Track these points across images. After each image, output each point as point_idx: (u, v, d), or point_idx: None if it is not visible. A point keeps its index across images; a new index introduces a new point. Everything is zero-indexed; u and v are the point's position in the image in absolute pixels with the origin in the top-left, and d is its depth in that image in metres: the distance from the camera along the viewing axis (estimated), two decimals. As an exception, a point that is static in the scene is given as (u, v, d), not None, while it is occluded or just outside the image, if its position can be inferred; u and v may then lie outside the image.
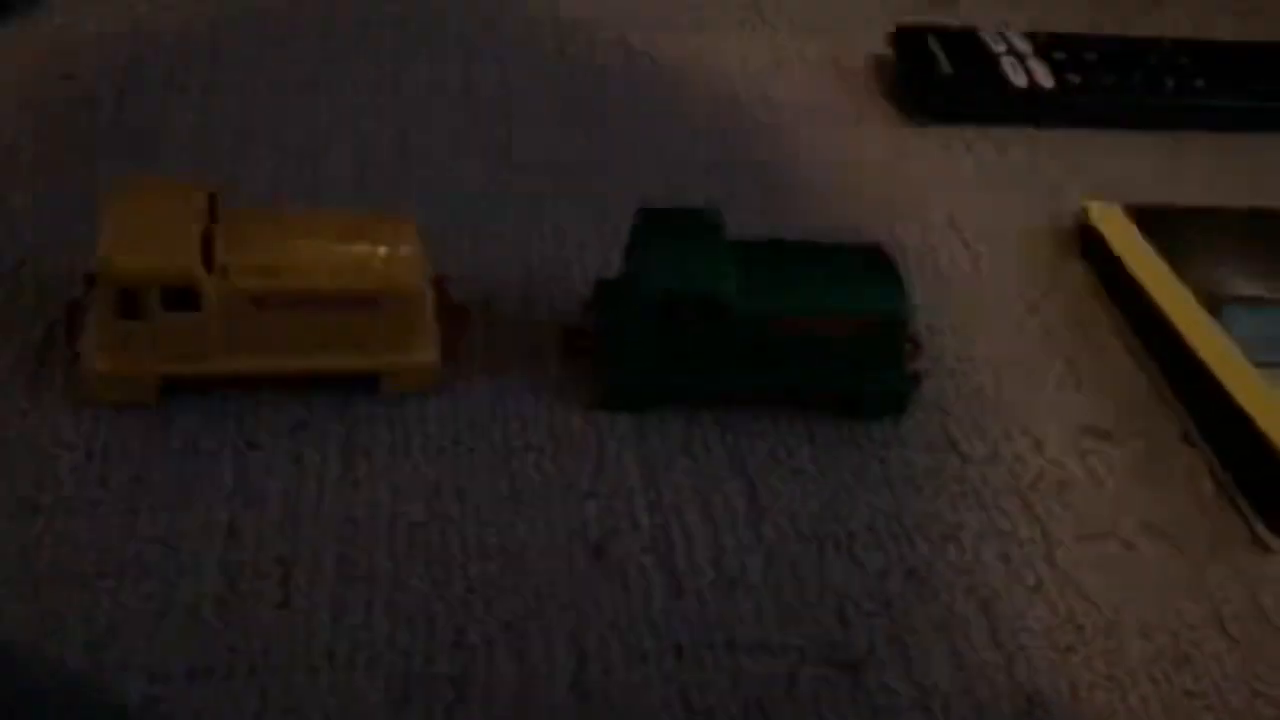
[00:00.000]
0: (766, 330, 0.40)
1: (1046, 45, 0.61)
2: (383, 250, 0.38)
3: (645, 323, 0.39)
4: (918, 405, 0.43)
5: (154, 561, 0.35)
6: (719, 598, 0.36)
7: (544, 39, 0.61)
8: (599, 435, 0.41)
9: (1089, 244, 0.51)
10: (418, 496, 0.38)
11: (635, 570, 0.36)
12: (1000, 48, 0.61)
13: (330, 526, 0.36)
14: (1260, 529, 0.41)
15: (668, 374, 0.41)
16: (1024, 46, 0.61)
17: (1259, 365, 0.43)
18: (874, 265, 0.42)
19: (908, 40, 0.61)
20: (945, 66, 0.59)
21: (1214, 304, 0.46)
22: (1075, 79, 0.60)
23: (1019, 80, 0.59)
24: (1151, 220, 0.50)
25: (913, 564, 0.38)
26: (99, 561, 0.35)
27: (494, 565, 0.36)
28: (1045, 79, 0.59)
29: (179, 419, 0.39)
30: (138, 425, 0.39)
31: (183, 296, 0.36)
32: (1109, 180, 0.57)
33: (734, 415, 0.42)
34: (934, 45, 0.60)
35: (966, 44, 0.61)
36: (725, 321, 0.39)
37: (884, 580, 0.37)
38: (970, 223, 0.45)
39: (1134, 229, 0.50)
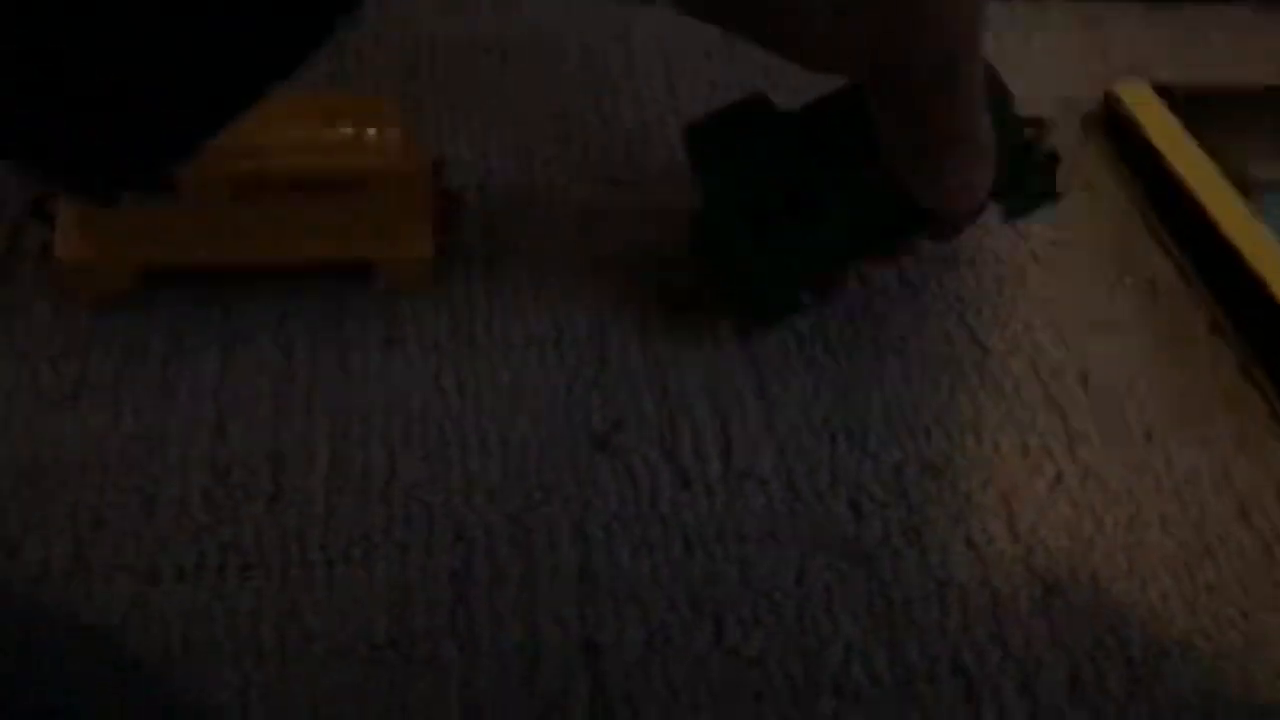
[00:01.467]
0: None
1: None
2: (371, 131, 0.36)
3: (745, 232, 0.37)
4: (938, 296, 0.41)
5: (139, 459, 0.33)
6: (728, 490, 0.35)
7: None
8: (603, 328, 0.39)
9: (1115, 125, 0.49)
10: (413, 390, 0.36)
11: (641, 463, 0.35)
12: (1023, -80, 0.57)
13: (322, 421, 0.35)
14: (1289, 420, 0.39)
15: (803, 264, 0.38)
16: (1048, -81, 0.58)
17: (1292, 251, 0.41)
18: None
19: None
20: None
21: (1246, 188, 0.44)
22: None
23: (1043, -46, 0.56)
24: (1182, 100, 0.48)
25: (929, 457, 0.37)
26: (82, 460, 0.33)
27: (494, 459, 0.34)
28: (1070, -47, 0.56)
29: (161, 312, 0.37)
30: (118, 319, 0.37)
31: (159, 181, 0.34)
32: (1136, 57, 0.54)
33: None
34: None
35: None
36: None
37: (899, 473, 0.36)
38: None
39: (1163, 109, 0.47)
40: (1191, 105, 0.47)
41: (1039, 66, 0.53)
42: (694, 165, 0.38)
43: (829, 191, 0.37)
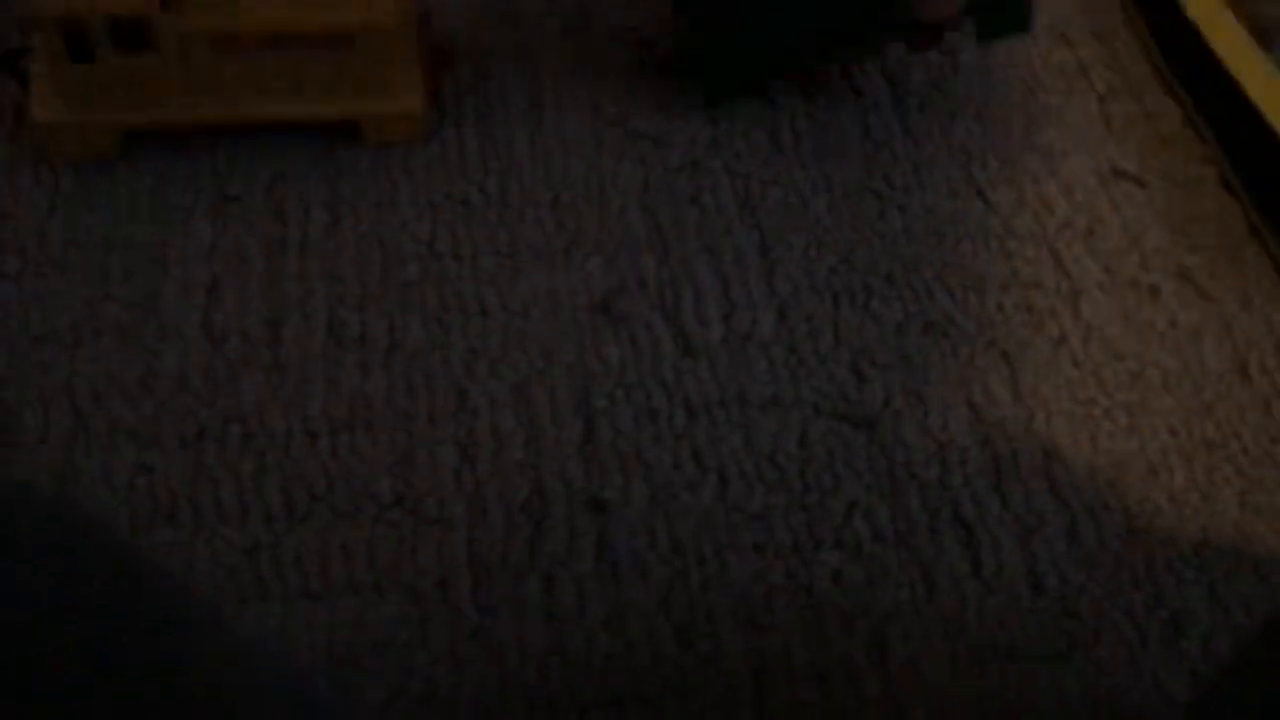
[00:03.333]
0: None
1: None
2: None
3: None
4: (943, 148, 0.40)
5: (133, 326, 0.33)
6: (730, 354, 0.35)
7: None
8: (601, 187, 0.38)
9: (1131, -32, 0.47)
10: (410, 254, 0.35)
11: (643, 328, 0.35)
12: None
13: (318, 286, 0.34)
14: (1294, 276, 0.39)
15: (755, 42, 0.39)
16: None
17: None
18: None
19: None
20: None
21: (1265, 36, 0.43)
22: None
23: None
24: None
25: (932, 316, 0.36)
26: (75, 326, 0.33)
27: (495, 325, 0.34)
28: None
29: (147, 174, 0.36)
30: (103, 181, 0.36)
31: (136, 35, 0.32)
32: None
33: (744, 160, 0.39)
34: None
35: None
36: None
37: (901, 334, 0.36)
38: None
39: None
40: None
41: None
42: None
43: None
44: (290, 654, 0.28)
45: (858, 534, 0.32)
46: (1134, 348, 0.36)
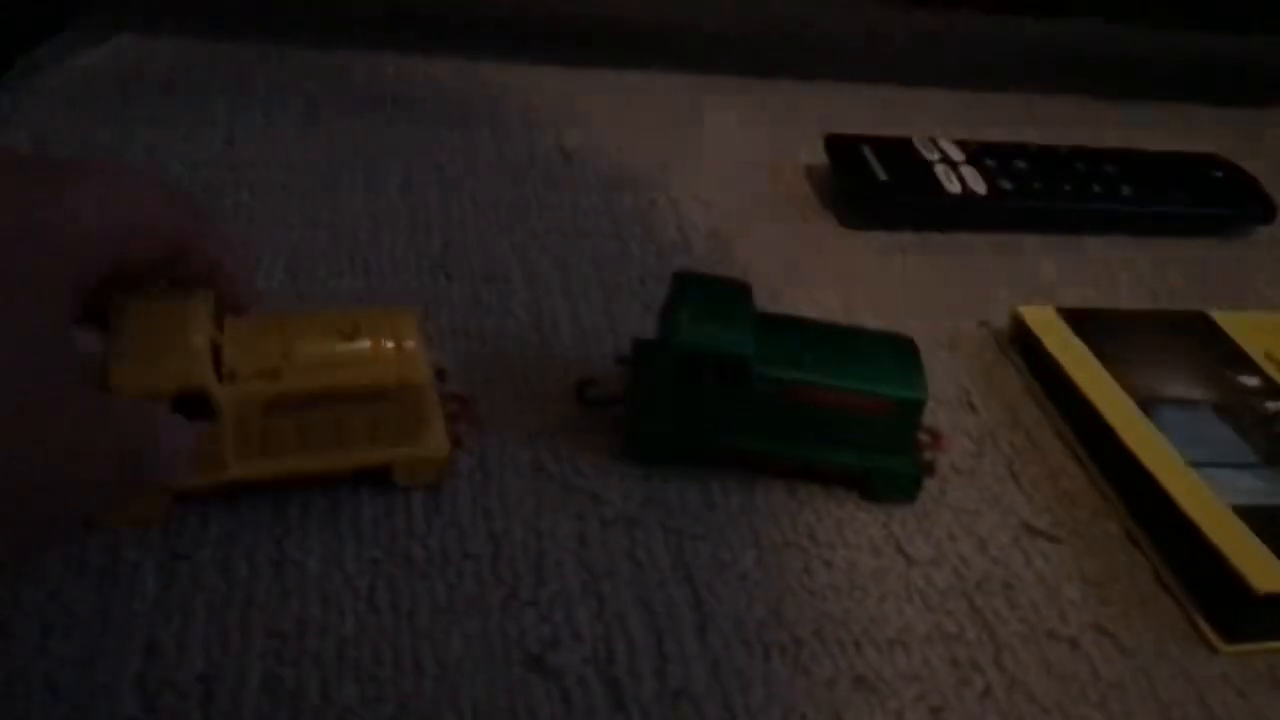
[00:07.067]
0: (782, 398, 0.41)
1: (978, 153, 0.63)
2: (389, 342, 0.38)
3: (670, 378, 0.40)
4: (862, 505, 0.43)
5: (67, 683, 0.33)
6: (662, 709, 0.35)
7: (483, 141, 0.62)
8: (539, 542, 0.40)
9: (1024, 346, 0.52)
10: (349, 607, 0.36)
11: (575, 683, 0.35)
12: (933, 155, 0.62)
13: (256, 641, 0.35)
14: (1205, 628, 0.40)
15: (689, 430, 0.42)
16: (956, 154, 0.63)
17: (1193, 465, 0.44)
18: (896, 351, 0.43)
19: (842, 150, 0.62)
20: (880, 174, 0.60)
21: (1147, 404, 0.47)
22: (1007, 185, 0.61)
23: (952, 186, 0.61)
24: (1084, 322, 0.51)
25: (861, 671, 0.37)
26: (7, 688, 0.33)
27: (428, 680, 0.34)
28: (978, 185, 0.61)
29: (99, 532, 0.38)
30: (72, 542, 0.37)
31: (202, 406, 0.34)
32: (1041, 283, 0.58)
33: (678, 518, 0.41)
34: (868, 154, 0.62)
35: (900, 152, 0.62)
36: (742, 384, 0.40)
37: (832, 688, 0.36)
38: (907, 327, 0.46)
39: (1067, 331, 0.51)
40: (1093, 327, 0.51)
41: (951, 291, 0.57)
42: (669, 305, 0.42)
43: (760, 398, 0.40)
44: None
45: None
46: (1058, 699, 0.37)
